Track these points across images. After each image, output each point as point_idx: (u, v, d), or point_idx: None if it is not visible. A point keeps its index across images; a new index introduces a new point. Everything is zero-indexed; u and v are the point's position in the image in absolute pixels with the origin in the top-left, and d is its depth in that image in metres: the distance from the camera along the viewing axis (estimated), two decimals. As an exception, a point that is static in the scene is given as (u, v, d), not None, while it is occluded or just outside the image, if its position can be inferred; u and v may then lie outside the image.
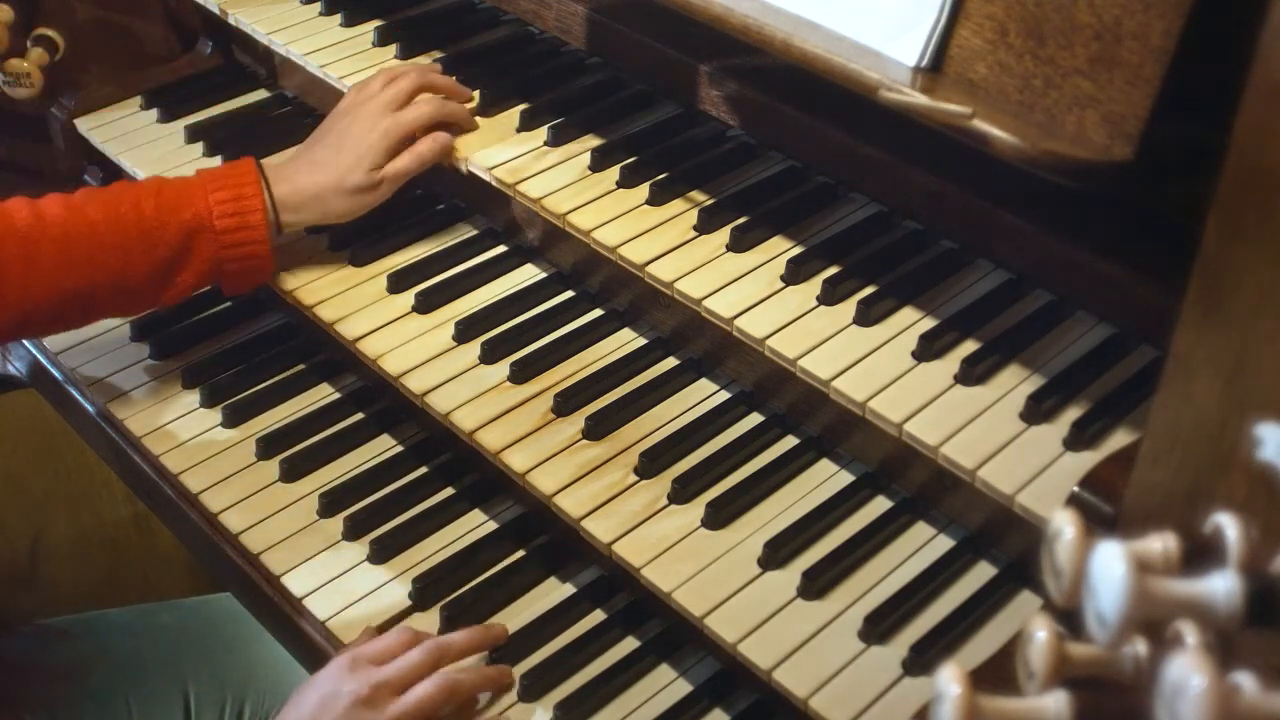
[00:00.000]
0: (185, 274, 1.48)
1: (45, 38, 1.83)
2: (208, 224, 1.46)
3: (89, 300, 1.45)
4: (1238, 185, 0.70)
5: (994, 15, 1.07)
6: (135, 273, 1.45)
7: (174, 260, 1.46)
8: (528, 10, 1.72)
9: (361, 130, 1.52)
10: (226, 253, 1.48)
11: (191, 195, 1.47)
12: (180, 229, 1.45)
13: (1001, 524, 1.21)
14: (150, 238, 1.44)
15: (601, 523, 1.29)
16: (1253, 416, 0.69)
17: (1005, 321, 1.28)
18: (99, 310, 1.50)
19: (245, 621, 1.56)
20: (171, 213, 1.45)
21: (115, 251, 1.43)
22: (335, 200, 1.52)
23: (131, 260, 1.44)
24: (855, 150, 1.40)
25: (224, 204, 1.46)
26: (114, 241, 1.43)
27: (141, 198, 1.46)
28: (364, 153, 1.51)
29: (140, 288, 1.47)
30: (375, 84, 1.57)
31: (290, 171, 1.52)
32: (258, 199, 1.48)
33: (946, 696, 0.67)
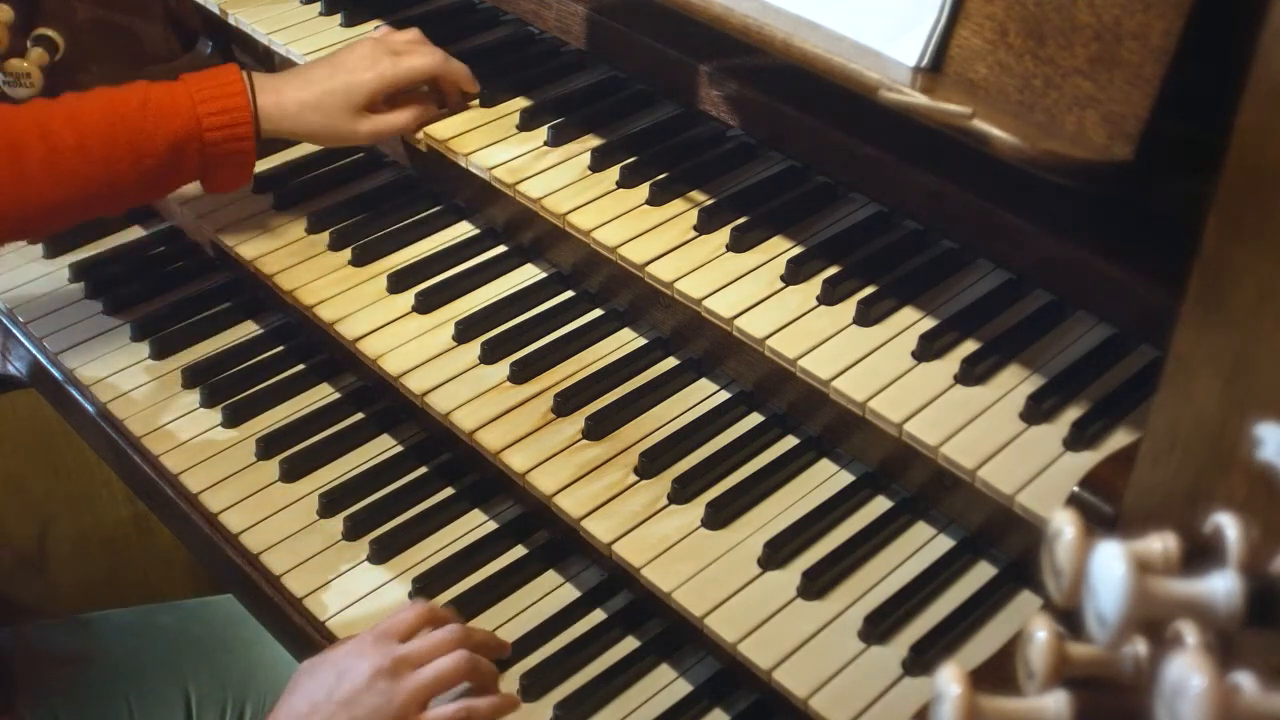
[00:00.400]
0: (172, 179, 1.52)
1: (45, 38, 1.82)
2: (196, 135, 1.48)
3: (81, 206, 1.49)
4: (1238, 185, 0.70)
5: (994, 15, 1.07)
6: (123, 181, 1.47)
7: (161, 169, 1.49)
8: (528, 10, 1.72)
9: (360, 64, 1.54)
10: (213, 160, 1.51)
11: (178, 105, 1.48)
12: (168, 140, 1.47)
13: (1001, 524, 1.21)
14: (138, 149, 1.46)
15: (601, 523, 1.29)
16: (1253, 416, 0.69)
17: (1005, 321, 1.28)
18: (89, 213, 1.55)
19: (246, 623, 1.56)
20: (158, 124, 1.47)
21: (102, 164, 1.46)
22: (314, 119, 1.53)
23: (119, 171, 1.47)
24: (855, 150, 1.40)
25: (212, 115, 1.48)
26: (101, 155, 1.45)
27: (129, 109, 1.47)
28: (355, 83, 1.53)
29: (127, 193, 1.50)
30: (398, 36, 1.60)
31: (279, 83, 1.54)
32: (246, 110, 1.50)
33: (946, 696, 0.67)
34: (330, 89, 1.53)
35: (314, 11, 1.80)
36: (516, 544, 1.42)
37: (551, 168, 1.50)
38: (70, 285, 1.76)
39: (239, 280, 1.74)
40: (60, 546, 2.33)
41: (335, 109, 1.53)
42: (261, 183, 1.72)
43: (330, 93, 1.53)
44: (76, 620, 1.73)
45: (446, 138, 1.55)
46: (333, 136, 1.57)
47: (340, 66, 1.55)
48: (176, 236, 1.84)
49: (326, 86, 1.53)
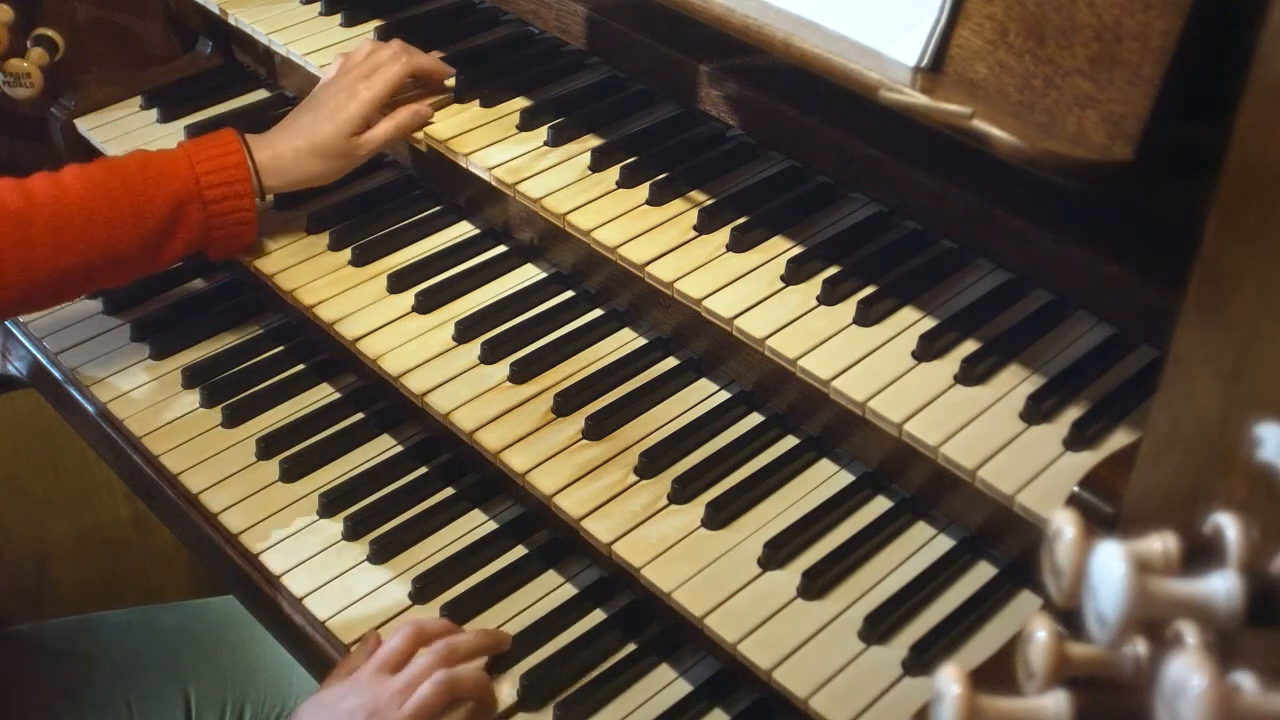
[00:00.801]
0: (174, 243, 1.52)
1: (45, 38, 1.83)
2: (195, 195, 1.50)
3: (84, 274, 1.49)
4: (1238, 185, 0.70)
5: (994, 15, 1.07)
6: (127, 246, 1.48)
7: (164, 231, 1.50)
8: (528, 10, 1.72)
9: (340, 99, 1.57)
10: (215, 220, 1.52)
11: (177, 167, 1.50)
12: (168, 201, 1.49)
13: (1001, 524, 1.21)
14: (140, 211, 1.48)
15: (601, 523, 1.29)
16: (1253, 416, 0.69)
17: (1005, 321, 1.27)
18: (94, 283, 1.55)
19: (246, 624, 1.56)
20: (159, 185, 1.49)
21: (106, 228, 1.47)
22: (314, 164, 1.57)
23: (122, 234, 1.47)
24: (855, 150, 1.40)
25: (210, 174, 1.51)
26: (105, 218, 1.46)
27: (129, 172, 1.49)
28: (342, 120, 1.56)
29: (131, 258, 1.51)
30: (358, 54, 1.62)
31: (271, 139, 1.57)
32: (243, 167, 1.52)
33: (946, 696, 0.66)
34: (324, 135, 1.56)
35: (314, 11, 1.80)
36: (516, 544, 1.42)
37: (551, 168, 1.50)
38: (70, 285, 1.76)
39: (239, 280, 1.74)
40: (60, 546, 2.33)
41: (336, 152, 1.57)
42: (261, 183, 1.72)
43: (325, 138, 1.56)
44: (76, 620, 1.73)
45: (446, 138, 1.55)
46: (339, 172, 1.60)
47: (322, 109, 1.57)
48: (176, 236, 1.84)
49: (318, 133, 1.56)
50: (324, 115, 1.56)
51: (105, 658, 1.63)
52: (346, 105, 1.56)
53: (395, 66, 1.59)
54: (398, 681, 1.23)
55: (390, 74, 1.58)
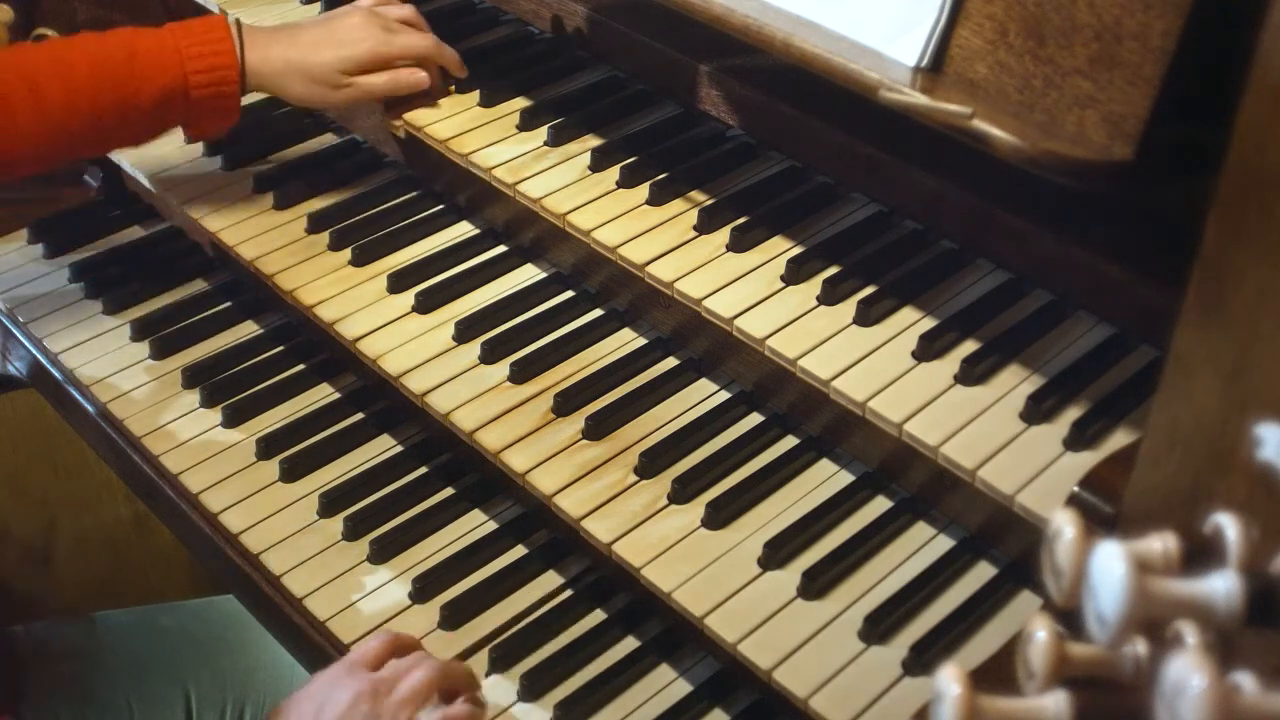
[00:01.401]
0: (155, 129, 1.55)
1: (45, 38, 1.82)
2: (182, 91, 1.50)
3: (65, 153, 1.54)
4: (1238, 185, 0.70)
5: (994, 15, 1.07)
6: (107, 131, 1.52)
7: (146, 121, 1.52)
8: (528, 10, 1.72)
9: (353, 33, 1.55)
10: (197, 112, 1.53)
11: (165, 61, 1.49)
12: (154, 96, 1.49)
13: (1001, 524, 1.21)
14: (124, 104, 1.49)
15: (601, 523, 1.29)
16: (1253, 416, 0.69)
17: (1005, 321, 1.27)
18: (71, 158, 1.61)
19: (246, 624, 1.56)
20: (145, 79, 1.49)
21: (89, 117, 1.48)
22: (297, 82, 1.55)
23: (105, 122, 1.49)
24: (855, 150, 1.40)
25: (199, 73, 1.50)
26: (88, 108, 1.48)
27: (116, 62, 1.48)
28: (345, 53, 1.54)
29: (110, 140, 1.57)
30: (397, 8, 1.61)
31: (268, 39, 1.55)
32: (234, 68, 1.51)
33: (946, 696, 0.66)
34: (322, 59, 1.54)
35: (314, 12, 1.80)
36: (516, 544, 1.42)
37: (551, 168, 1.50)
38: (70, 285, 1.76)
39: (239, 280, 1.74)
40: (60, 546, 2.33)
41: (322, 79, 1.54)
42: (261, 183, 1.72)
43: (321, 63, 1.54)
44: (77, 620, 1.72)
45: (446, 138, 1.55)
46: (312, 101, 1.59)
47: (332, 34, 1.55)
48: (176, 236, 1.84)
49: (318, 55, 1.54)
50: (330, 41, 1.54)
51: (106, 658, 1.62)
52: (356, 44, 1.54)
53: (423, 40, 1.58)
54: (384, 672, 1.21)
55: (414, 41, 1.57)
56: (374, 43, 1.54)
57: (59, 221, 1.84)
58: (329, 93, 1.56)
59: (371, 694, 1.19)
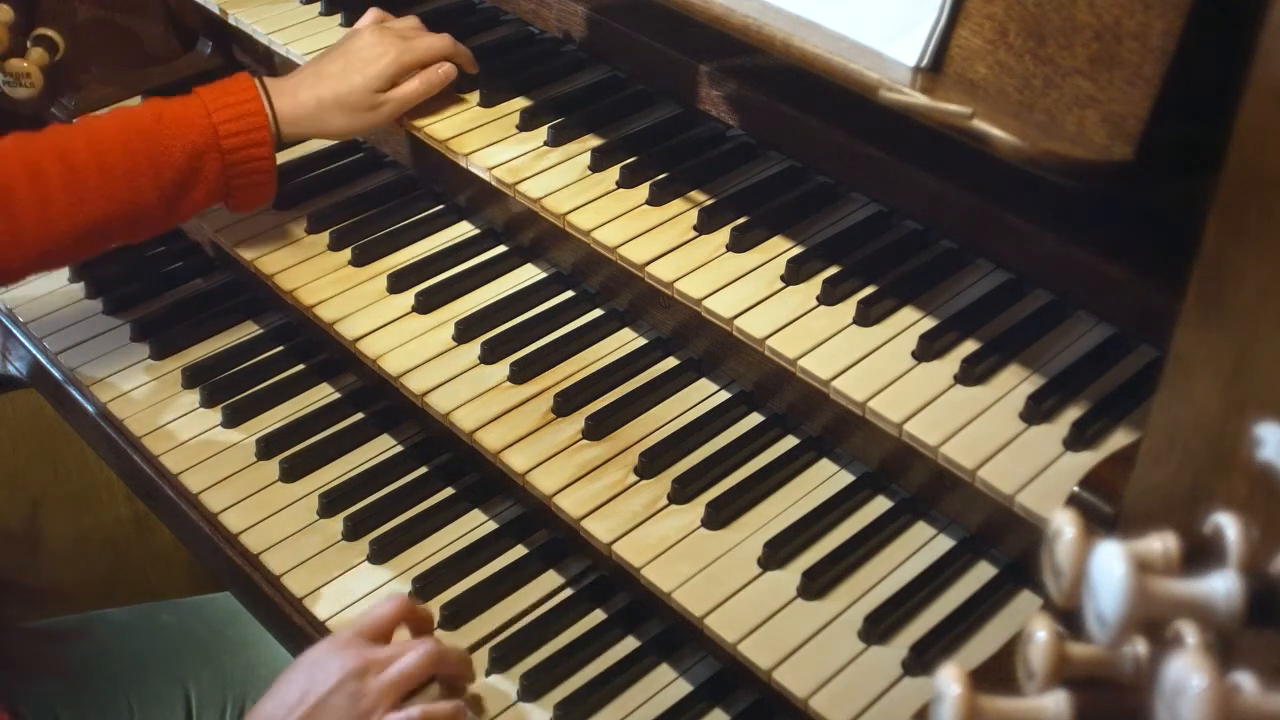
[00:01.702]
0: (194, 194, 1.50)
1: (45, 38, 1.83)
2: (213, 144, 1.48)
3: (103, 229, 1.47)
4: (1238, 185, 0.70)
5: (994, 15, 1.07)
6: (145, 199, 1.47)
7: (182, 183, 1.48)
8: (528, 10, 1.72)
9: (372, 52, 1.54)
10: (234, 170, 1.50)
11: (193, 116, 1.48)
12: (186, 151, 1.47)
13: (1001, 524, 1.21)
14: (157, 163, 1.46)
15: (601, 523, 1.29)
16: (1253, 416, 0.69)
17: (1005, 321, 1.27)
18: (112, 238, 1.52)
19: (245, 621, 1.56)
20: (175, 136, 1.47)
21: (123, 181, 1.45)
22: (335, 116, 1.54)
23: (140, 188, 1.46)
24: (855, 150, 1.40)
25: (228, 123, 1.48)
26: (122, 171, 1.45)
27: (145, 124, 1.47)
28: (372, 72, 1.53)
29: (150, 211, 1.49)
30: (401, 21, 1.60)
31: (293, 85, 1.54)
32: (261, 115, 1.49)
33: (946, 696, 0.67)
34: (352, 85, 1.53)
35: (314, 11, 1.80)
36: (516, 544, 1.42)
37: (551, 168, 1.50)
38: (70, 285, 1.76)
39: (239, 280, 1.74)
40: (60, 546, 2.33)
41: (358, 104, 1.54)
42: (261, 183, 1.72)
43: (351, 90, 1.53)
44: (77, 620, 1.72)
45: (446, 138, 1.55)
46: (355, 129, 1.58)
47: (353, 60, 1.54)
48: (177, 236, 1.84)
49: (347, 83, 1.53)
50: (354, 66, 1.53)
51: (105, 656, 1.62)
52: (379, 60, 1.53)
53: (439, 40, 1.58)
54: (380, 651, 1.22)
55: (433, 43, 1.57)
56: (395, 53, 1.54)
57: (59, 221, 1.84)
58: (370, 116, 1.55)
59: (360, 672, 1.19)
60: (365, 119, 1.55)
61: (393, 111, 1.56)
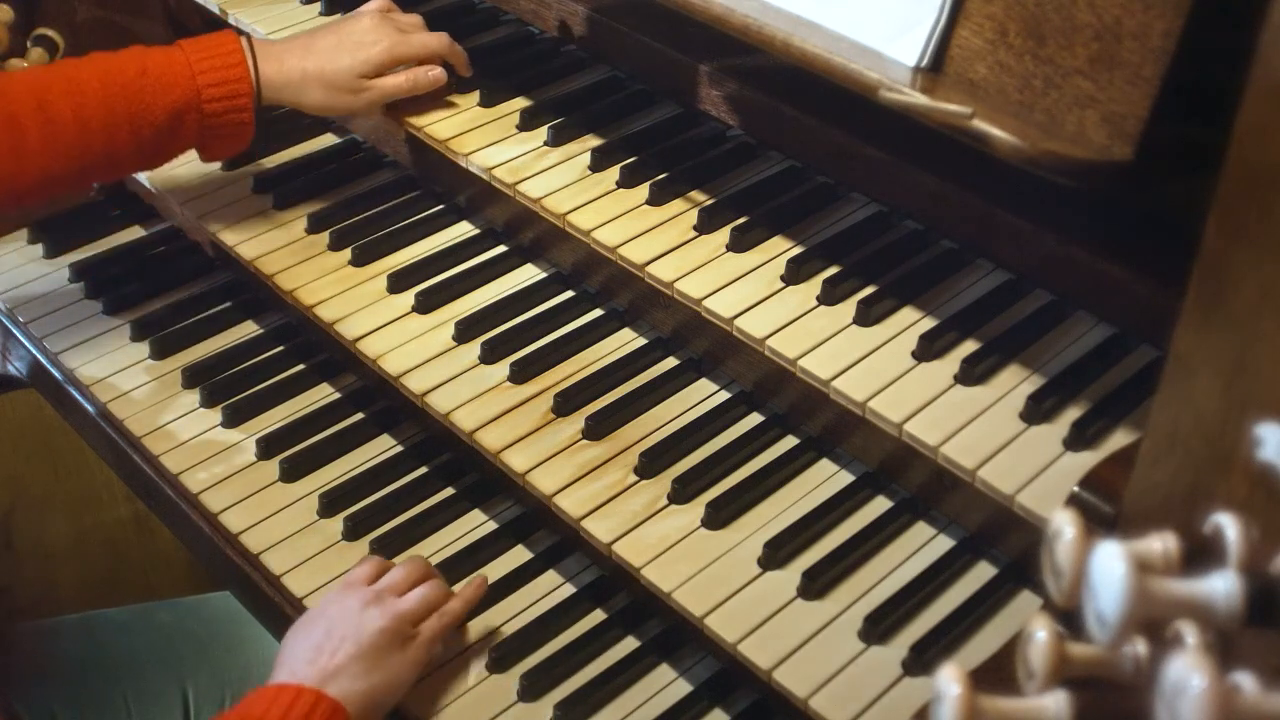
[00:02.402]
0: (170, 148, 1.52)
1: (45, 38, 1.83)
2: (195, 105, 1.48)
3: (77, 177, 1.49)
4: (1238, 185, 0.70)
5: (994, 15, 1.07)
6: (120, 152, 1.48)
7: (159, 139, 1.49)
8: (528, 10, 1.72)
9: (367, 37, 1.54)
10: (211, 129, 1.51)
11: (177, 76, 1.48)
12: (167, 111, 1.47)
13: (1001, 524, 1.21)
14: (136, 121, 1.47)
15: (601, 523, 1.29)
16: (1253, 416, 0.69)
17: (1005, 321, 1.27)
18: (85, 184, 1.56)
19: (244, 620, 1.56)
20: (157, 95, 1.47)
21: (101, 135, 1.46)
22: (316, 90, 1.54)
23: (117, 141, 1.47)
24: (855, 150, 1.40)
25: (212, 86, 1.49)
26: (100, 126, 1.45)
27: (127, 77, 1.47)
28: (361, 56, 1.53)
29: (124, 163, 1.51)
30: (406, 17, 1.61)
31: (281, 50, 1.54)
32: (245, 81, 1.50)
33: (946, 696, 0.67)
34: (339, 65, 1.53)
35: (314, 11, 1.80)
36: (516, 544, 1.42)
37: (551, 168, 1.50)
38: (70, 285, 1.76)
39: (239, 280, 1.74)
40: (60, 546, 2.33)
41: (342, 85, 1.54)
42: (261, 183, 1.72)
43: (339, 69, 1.53)
44: (75, 618, 1.73)
45: (446, 138, 1.55)
46: (333, 108, 1.58)
47: (346, 39, 1.54)
48: (176, 236, 1.84)
49: (335, 62, 1.53)
50: (346, 46, 1.53)
51: (104, 655, 1.63)
52: (372, 46, 1.54)
53: (436, 39, 1.58)
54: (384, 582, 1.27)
55: (429, 41, 1.58)
56: (390, 43, 1.54)
57: (59, 221, 1.83)
58: (350, 98, 1.55)
59: (377, 599, 1.23)
60: (345, 100, 1.55)
61: (373, 100, 1.56)
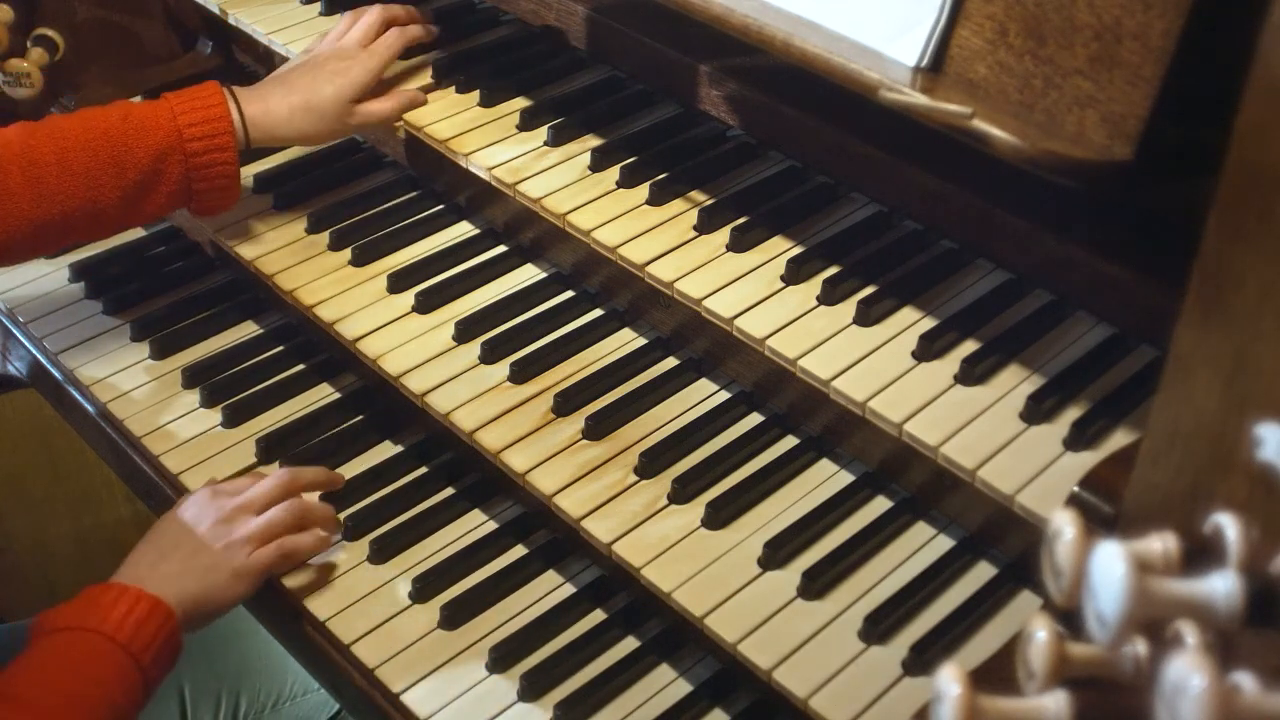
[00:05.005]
0: (155, 196, 1.51)
1: (45, 38, 1.83)
2: (177, 145, 1.50)
3: (62, 227, 1.49)
4: (1238, 185, 0.70)
5: (994, 15, 1.07)
6: (106, 198, 1.48)
7: (144, 183, 1.50)
8: (528, 10, 1.72)
9: (344, 64, 1.58)
10: (196, 173, 1.52)
11: (158, 118, 1.50)
12: (149, 152, 1.49)
13: (1001, 524, 1.21)
14: (120, 162, 1.48)
15: (601, 523, 1.29)
16: (1253, 416, 0.69)
17: (1005, 321, 1.28)
18: (73, 235, 1.54)
19: (239, 616, 1.55)
20: (139, 136, 1.49)
21: (84, 179, 1.47)
22: (306, 122, 1.57)
23: (101, 186, 1.48)
24: (855, 150, 1.40)
25: (193, 126, 1.50)
26: (83, 169, 1.46)
27: (110, 123, 1.49)
28: (343, 84, 1.57)
29: (111, 210, 1.50)
30: (343, 25, 1.64)
31: (263, 92, 1.57)
32: (226, 120, 1.52)
33: (946, 696, 0.67)
34: (322, 97, 1.56)
35: (314, 11, 1.80)
36: (516, 544, 1.42)
37: (551, 168, 1.50)
38: (70, 285, 1.76)
39: (239, 280, 1.74)
40: (60, 546, 2.33)
41: (330, 113, 1.57)
42: (261, 183, 1.72)
43: (323, 99, 1.56)
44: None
45: (446, 138, 1.55)
46: (325, 136, 1.61)
47: (322, 70, 1.58)
48: (176, 236, 1.84)
49: (316, 94, 1.56)
50: (324, 76, 1.57)
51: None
52: (350, 70, 1.57)
53: (395, 38, 1.62)
54: (244, 497, 1.34)
55: (391, 43, 1.61)
56: (362, 63, 1.58)
57: (59, 221, 1.83)
58: (339, 125, 1.59)
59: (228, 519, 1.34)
60: (335, 128, 1.59)
61: (363, 123, 1.59)
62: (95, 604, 1.25)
